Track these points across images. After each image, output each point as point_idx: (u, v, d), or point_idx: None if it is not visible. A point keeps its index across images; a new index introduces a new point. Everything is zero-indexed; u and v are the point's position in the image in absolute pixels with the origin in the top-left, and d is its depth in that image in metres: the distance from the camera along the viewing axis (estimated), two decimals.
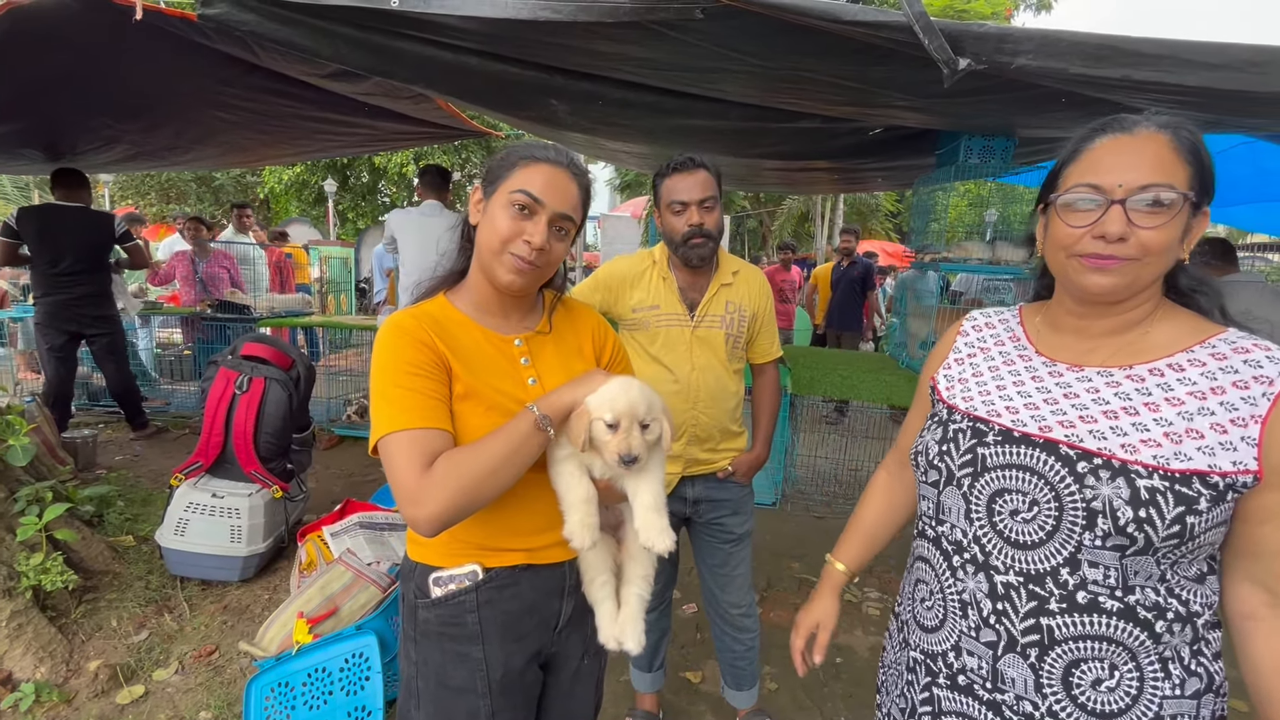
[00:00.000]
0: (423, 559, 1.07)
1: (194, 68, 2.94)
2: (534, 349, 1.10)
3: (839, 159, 4.05)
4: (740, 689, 2.07)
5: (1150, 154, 0.77)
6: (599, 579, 1.08)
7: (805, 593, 3.03)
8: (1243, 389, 0.75)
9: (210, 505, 2.68)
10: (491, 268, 1.02)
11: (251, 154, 5.23)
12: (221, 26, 2.23)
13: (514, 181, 1.00)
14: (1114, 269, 0.78)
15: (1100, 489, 0.76)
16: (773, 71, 2.23)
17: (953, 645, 0.88)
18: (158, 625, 2.46)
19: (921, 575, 0.96)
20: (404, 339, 0.98)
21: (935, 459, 0.91)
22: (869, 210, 15.61)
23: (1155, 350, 0.82)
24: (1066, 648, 0.79)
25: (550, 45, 2.19)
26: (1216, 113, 2.12)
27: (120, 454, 4.36)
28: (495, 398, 1.01)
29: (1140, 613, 0.77)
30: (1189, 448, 0.75)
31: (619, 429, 0.95)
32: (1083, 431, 0.80)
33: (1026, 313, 0.98)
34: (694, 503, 1.89)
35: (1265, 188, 4.61)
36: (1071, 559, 0.78)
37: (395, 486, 0.91)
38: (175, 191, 16.60)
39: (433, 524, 0.89)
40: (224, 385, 2.72)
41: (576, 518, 0.97)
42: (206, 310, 5.27)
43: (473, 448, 0.93)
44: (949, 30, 1.66)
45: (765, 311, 1.90)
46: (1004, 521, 0.83)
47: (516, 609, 1.06)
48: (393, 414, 0.92)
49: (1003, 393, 0.89)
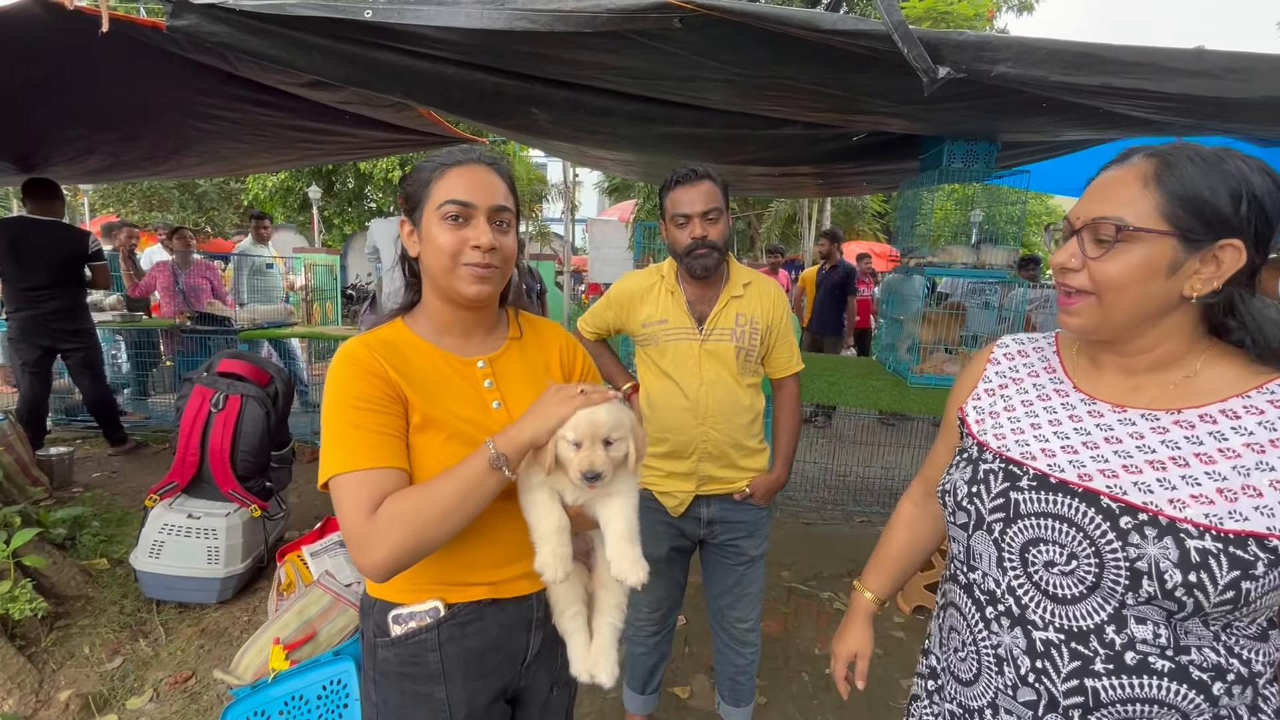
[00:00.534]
0: (382, 595, 1.02)
1: (169, 78, 2.88)
2: (498, 370, 1.06)
3: (823, 164, 4.05)
4: (738, 705, 2.04)
5: (1117, 186, 0.74)
6: (570, 610, 1.04)
7: (796, 603, 3.01)
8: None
9: (186, 526, 2.62)
10: (451, 287, 0.98)
11: (232, 163, 5.16)
12: (192, 38, 2.18)
13: (436, 196, 0.97)
14: (1074, 308, 0.77)
15: (1146, 549, 0.70)
16: (754, 80, 2.22)
17: (989, 702, 0.83)
18: (132, 651, 2.40)
19: (955, 623, 0.90)
20: (354, 370, 0.94)
21: (964, 500, 0.86)
22: (855, 212, 15.67)
23: (1206, 395, 0.75)
24: (1112, 710, 0.73)
25: (528, 55, 2.17)
26: (1196, 118, 2.13)
27: (98, 470, 4.27)
28: (457, 425, 0.96)
29: (1195, 674, 0.71)
30: (1245, 506, 0.68)
31: (582, 446, 0.92)
32: (1126, 483, 0.74)
33: (1064, 341, 0.92)
34: (708, 523, 1.86)
35: None
36: (1117, 615, 0.72)
37: (343, 530, 0.87)
38: (157, 199, 16.39)
39: (380, 571, 0.84)
40: (199, 403, 2.66)
41: (548, 549, 0.93)
42: (186, 322, 5.18)
43: (422, 490, 0.88)
44: (928, 39, 1.64)
45: (780, 323, 1.83)
46: (1039, 573, 0.78)
47: (481, 646, 1.01)
48: (340, 453, 0.88)
49: (1038, 432, 0.83)
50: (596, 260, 8.37)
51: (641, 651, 2.00)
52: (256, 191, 15.00)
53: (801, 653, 2.62)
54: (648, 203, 13.14)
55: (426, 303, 1.05)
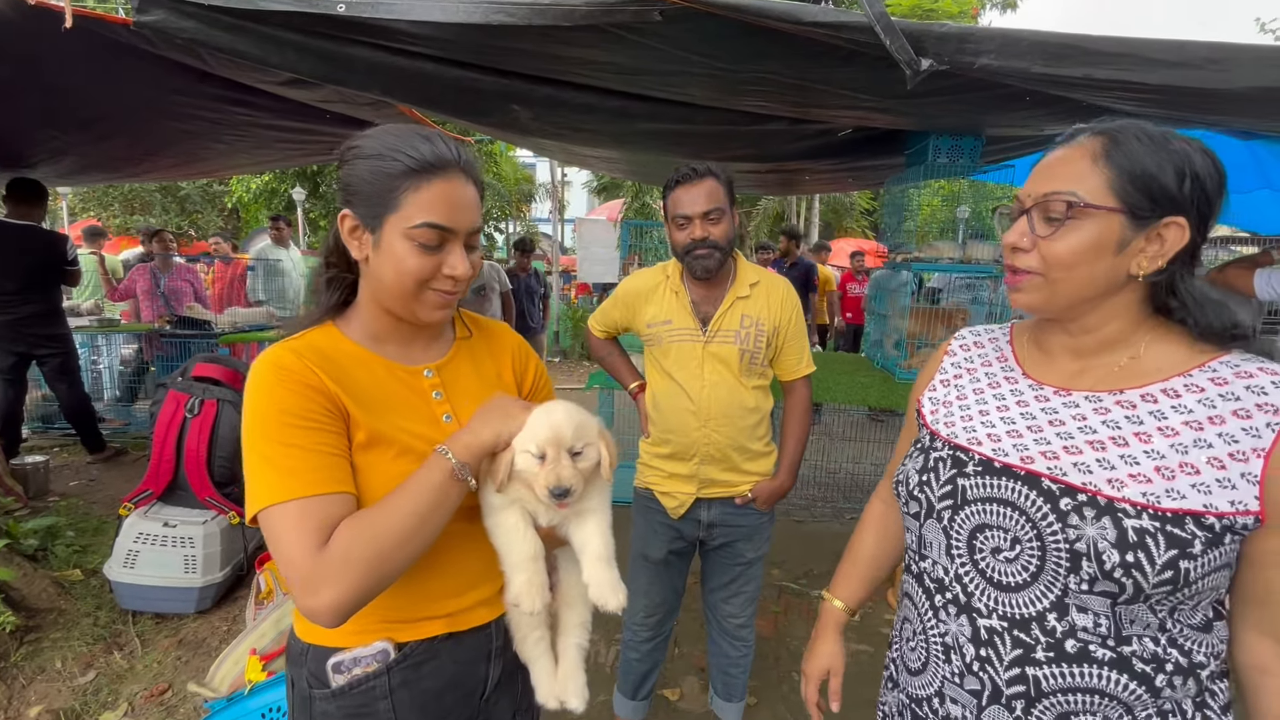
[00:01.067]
0: (317, 639, 0.87)
1: (142, 76, 2.82)
2: (447, 379, 0.94)
3: (809, 160, 4.03)
4: (730, 700, 2.02)
5: (1066, 163, 0.74)
6: (533, 635, 0.95)
7: (786, 602, 2.99)
8: (1244, 418, 0.68)
9: (162, 535, 2.56)
10: (408, 310, 0.86)
11: (211, 164, 5.08)
12: (161, 34, 2.13)
13: (408, 212, 0.81)
14: (1023, 285, 0.76)
15: (1085, 529, 0.69)
16: (737, 75, 2.19)
17: (936, 691, 0.82)
18: (106, 664, 2.34)
19: (908, 613, 0.90)
20: (284, 382, 0.79)
21: (915, 489, 0.85)
22: (844, 209, 15.72)
23: (1149, 374, 0.75)
24: (1055, 700, 0.72)
25: (507, 50, 2.13)
26: (1178, 109, 2.12)
27: (75, 479, 4.18)
28: (407, 441, 0.85)
29: (1136, 664, 0.70)
30: (1182, 484, 0.68)
31: (546, 460, 0.83)
32: (1067, 464, 0.74)
33: (1017, 331, 0.92)
34: (708, 526, 1.83)
35: (1228, 180, 4.69)
36: (1059, 603, 0.72)
37: (284, 569, 0.73)
38: (139, 202, 16.16)
39: (336, 613, 0.72)
40: (174, 409, 2.60)
41: (523, 578, 0.84)
42: (165, 326, 5.09)
43: (378, 511, 0.77)
44: (910, 31, 1.63)
45: (790, 325, 1.78)
46: (986, 560, 0.77)
47: (437, 686, 0.90)
48: (276, 479, 0.74)
49: (985, 418, 0.83)
50: (585, 260, 8.32)
51: (635, 657, 1.97)
52: (240, 194, 14.82)
53: (792, 652, 2.60)
54: (636, 201, 13.10)
55: (363, 305, 0.91)
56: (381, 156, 0.82)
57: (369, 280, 0.89)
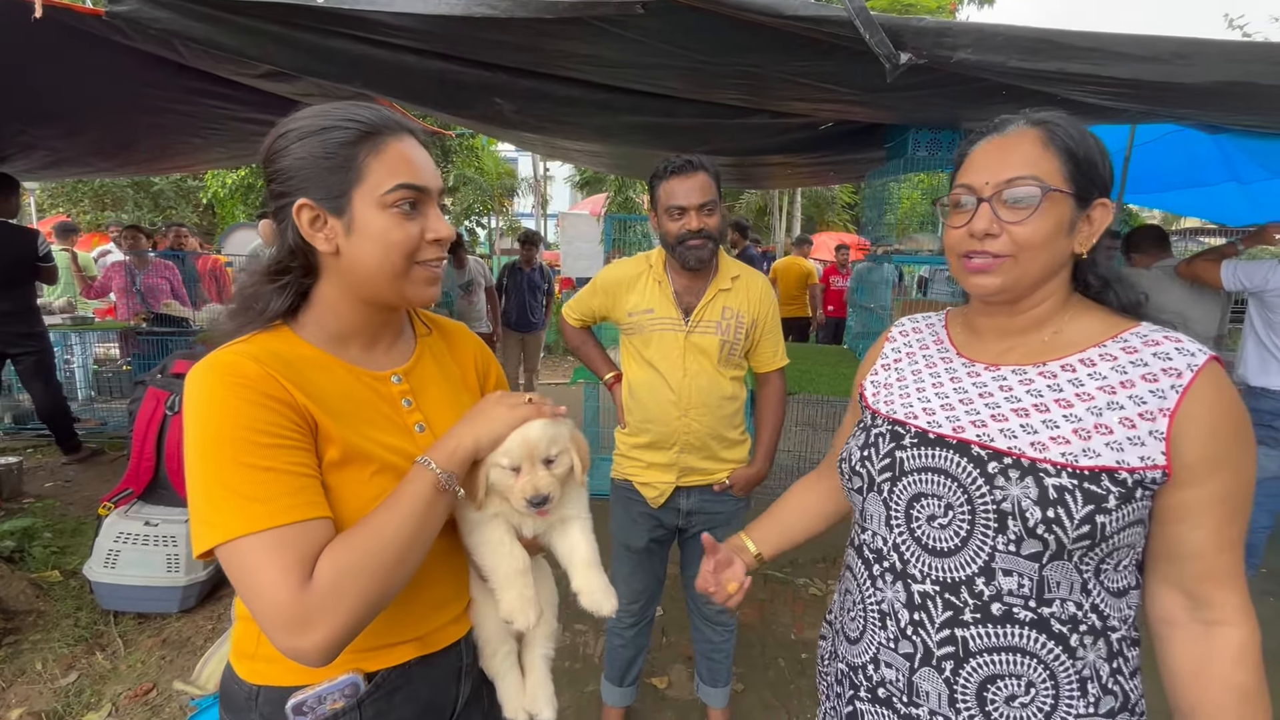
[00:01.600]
0: (269, 679, 0.77)
1: (115, 68, 2.75)
2: (415, 386, 0.86)
3: (790, 153, 4.07)
4: (715, 685, 2.05)
5: (1017, 150, 0.78)
6: (502, 650, 0.93)
7: (771, 589, 3.03)
8: (1151, 382, 0.73)
9: (143, 534, 2.52)
10: (398, 292, 0.79)
11: (186, 158, 4.98)
12: (135, 25, 2.09)
13: (376, 179, 0.74)
14: (994, 269, 0.79)
15: (1010, 489, 0.74)
16: (719, 67, 2.21)
17: (872, 657, 0.86)
18: (88, 665, 2.31)
19: (848, 585, 0.94)
20: (244, 393, 0.69)
21: (857, 464, 0.90)
22: (825, 202, 15.82)
23: (1069, 346, 0.81)
24: (981, 660, 0.76)
25: (490, 43, 2.13)
26: (1148, 103, 2.18)
27: (51, 480, 4.10)
28: (384, 456, 0.78)
29: (1054, 625, 0.74)
30: (1097, 444, 0.73)
31: (521, 471, 0.81)
32: (994, 431, 0.78)
33: (951, 316, 0.98)
34: (687, 514, 1.86)
35: (1196, 174, 4.81)
36: (986, 568, 0.76)
37: (261, 608, 0.64)
38: (111, 198, 15.79)
39: (327, 652, 0.65)
40: (154, 406, 2.56)
41: (514, 593, 0.82)
42: (142, 324, 4.99)
43: (364, 535, 0.69)
44: (889, 25, 1.65)
45: (767, 318, 1.82)
46: (921, 528, 0.81)
47: (411, 713, 0.83)
48: (243, 507, 0.65)
49: (921, 394, 0.89)
50: (569, 255, 8.29)
51: (619, 644, 2.00)
52: (216, 189, 14.54)
53: (778, 639, 2.64)
54: (619, 196, 13.08)
55: (324, 305, 0.81)
56: (328, 129, 0.74)
57: (341, 275, 0.79)
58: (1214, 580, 0.74)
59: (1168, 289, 3.14)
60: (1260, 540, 2.89)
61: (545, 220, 18.22)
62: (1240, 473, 0.73)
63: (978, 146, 0.82)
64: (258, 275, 0.81)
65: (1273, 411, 2.78)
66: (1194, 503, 0.72)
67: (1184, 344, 0.75)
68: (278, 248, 0.80)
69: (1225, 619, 0.73)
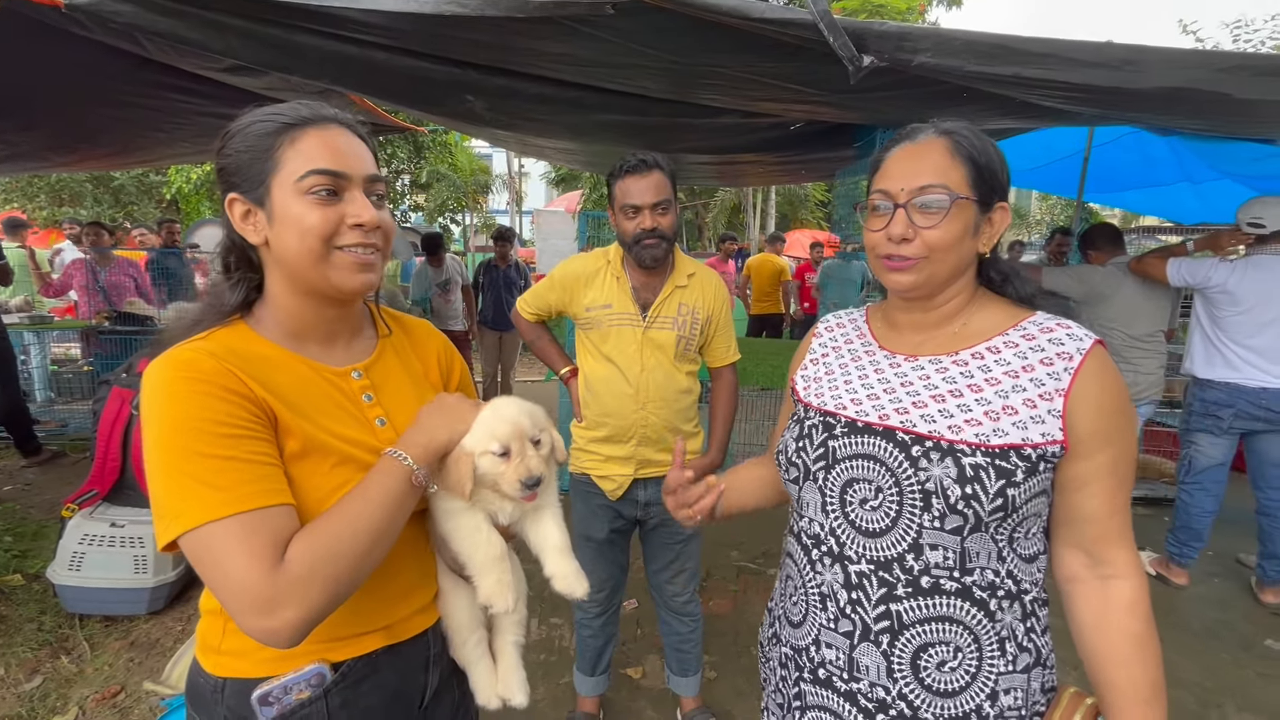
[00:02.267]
0: (234, 672, 0.79)
1: (74, 61, 2.68)
2: (376, 381, 0.88)
3: (761, 152, 4.11)
4: (684, 675, 2.09)
5: (927, 159, 0.84)
6: (473, 638, 0.94)
7: (744, 581, 3.09)
8: (1048, 365, 0.81)
9: (109, 536, 2.48)
10: (325, 280, 0.78)
11: (150, 153, 4.86)
12: (96, 18, 2.05)
13: (291, 166, 0.75)
14: (909, 269, 0.85)
15: (932, 470, 0.80)
16: (690, 67, 2.23)
17: (814, 639, 0.90)
18: (53, 669, 2.27)
19: (789, 571, 0.98)
20: (202, 387, 0.70)
21: (793, 455, 0.95)
22: (799, 200, 15.99)
23: (976, 336, 0.88)
24: (915, 631, 0.82)
25: (461, 40, 2.12)
26: (1100, 107, 2.26)
27: (9, 483, 3.99)
28: (344, 448, 0.79)
29: (976, 592, 0.81)
30: (1006, 424, 0.79)
31: (511, 455, 0.84)
32: (915, 417, 0.84)
33: (871, 312, 1.05)
34: (645, 505, 1.89)
35: (1152, 174, 4.99)
36: (915, 544, 0.82)
37: (230, 591, 0.66)
38: (68, 193, 15.29)
39: (297, 633, 0.67)
40: (118, 406, 2.51)
41: (493, 578, 0.85)
42: (104, 323, 4.86)
43: (336, 522, 0.72)
44: (852, 29, 1.70)
45: (720, 315, 1.87)
46: (855, 511, 0.86)
47: (379, 701, 0.85)
48: (208, 495, 0.66)
49: (849, 386, 0.94)
50: (544, 252, 8.25)
51: (588, 634, 2.03)
52: (180, 184, 14.16)
53: (750, 628, 2.70)
54: (594, 193, 13.07)
55: (275, 301, 0.82)
56: (253, 124, 0.78)
57: (276, 266, 0.81)
58: (1109, 540, 0.82)
59: (1121, 284, 3.26)
60: (1206, 524, 3.03)
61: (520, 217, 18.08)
62: (1126, 444, 0.81)
63: (892, 153, 0.88)
64: (217, 274, 0.83)
65: (1217, 401, 2.91)
66: (1088, 473, 0.80)
67: (1073, 329, 0.83)
68: (221, 244, 0.83)
69: (1119, 573, 0.82)
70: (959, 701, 0.81)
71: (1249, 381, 2.83)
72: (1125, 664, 0.80)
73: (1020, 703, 0.82)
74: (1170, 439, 4.43)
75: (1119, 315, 3.30)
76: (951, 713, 0.81)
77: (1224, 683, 2.43)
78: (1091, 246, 3.50)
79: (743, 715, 2.21)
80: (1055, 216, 17.00)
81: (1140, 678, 0.79)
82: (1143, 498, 4.09)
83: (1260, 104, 2.01)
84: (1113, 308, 3.30)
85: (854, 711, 0.86)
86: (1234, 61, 1.84)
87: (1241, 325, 2.86)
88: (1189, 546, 3.06)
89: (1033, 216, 18.78)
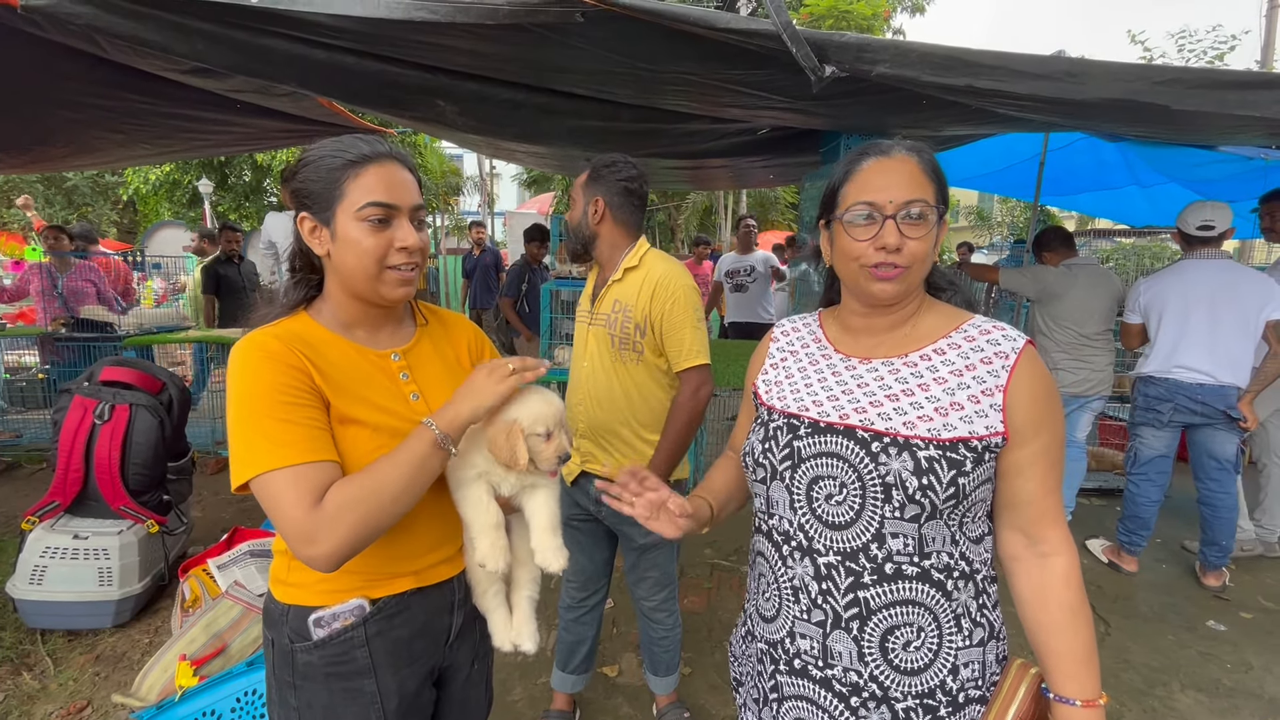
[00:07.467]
0: (297, 600, 1.00)
1: (26, 60, 2.61)
2: (412, 363, 1.06)
3: (730, 157, 4.19)
4: (658, 674, 2.12)
5: (906, 174, 0.90)
6: (491, 589, 1.10)
7: (718, 578, 3.14)
8: (988, 364, 0.89)
9: (72, 548, 2.42)
10: (375, 291, 0.97)
11: (106, 155, 4.71)
12: (53, 20, 2.01)
13: (354, 198, 0.93)
14: (895, 278, 0.91)
15: (891, 464, 0.86)
16: (658, 75, 2.28)
17: (788, 631, 0.95)
18: (15, 686, 2.20)
19: (761, 569, 1.03)
20: (269, 363, 0.90)
21: (760, 456, 0.99)
22: (769, 202, 16.20)
23: (924, 339, 0.95)
24: (882, 616, 0.88)
25: (431, 46, 2.14)
26: (1048, 115, 2.38)
27: None
28: (381, 418, 0.97)
29: (934, 574, 0.88)
30: (954, 419, 0.87)
31: (551, 437, 1.00)
32: (873, 415, 0.91)
33: (825, 316, 1.10)
34: (595, 502, 1.90)
35: (1104, 178, 5.20)
36: (878, 534, 0.88)
37: (282, 524, 0.85)
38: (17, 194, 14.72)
39: (332, 559, 0.85)
40: (80, 415, 2.46)
41: (488, 542, 0.99)
42: (60, 330, 4.71)
43: (369, 475, 0.89)
44: (814, 40, 1.76)
45: (664, 317, 1.71)
46: (821, 507, 0.92)
47: (408, 634, 1.04)
48: (269, 448, 0.85)
49: (809, 388, 1.00)
50: (516, 254, 8.26)
51: (563, 630, 2.07)
52: (137, 185, 13.74)
53: (724, 624, 2.75)
54: (566, 195, 13.05)
55: (332, 297, 1.03)
56: (324, 159, 0.95)
57: (334, 273, 1.00)
58: (1043, 520, 0.90)
59: (1073, 284, 3.41)
60: (1152, 514, 3.18)
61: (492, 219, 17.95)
62: (1055, 430, 0.89)
63: (865, 166, 0.93)
64: (287, 274, 1.05)
65: (1156, 396, 3.07)
66: (1024, 460, 0.88)
67: (1007, 331, 0.92)
68: (290, 247, 1.04)
69: (1054, 550, 0.90)
70: (924, 679, 0.88)
71: (1187, 378, 2.98)
72: (1062, 631, 0.88)
73: (978, 674, 0.90)
74: (1121, 432, 4.64)
75: (1071, 313, 3.45)
76: (918, 689, 0.88)
77: (1169, 662, 2.56)
78: (1045, 249, 3.65)
79: (717, 709, 2.26)
80: (1015, 218, 17.52)
81: (1075, 642, 0.88)
82: (1096, 489, 4.26)
83: (1195, 114, 2.13)
84: (1065, 306, 3.45)
85: (829, 697, 0.91)
86: (1170, 75, 1.95)
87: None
88: (1138, 535, 3.21)
89: (994, 219, 19.32)
